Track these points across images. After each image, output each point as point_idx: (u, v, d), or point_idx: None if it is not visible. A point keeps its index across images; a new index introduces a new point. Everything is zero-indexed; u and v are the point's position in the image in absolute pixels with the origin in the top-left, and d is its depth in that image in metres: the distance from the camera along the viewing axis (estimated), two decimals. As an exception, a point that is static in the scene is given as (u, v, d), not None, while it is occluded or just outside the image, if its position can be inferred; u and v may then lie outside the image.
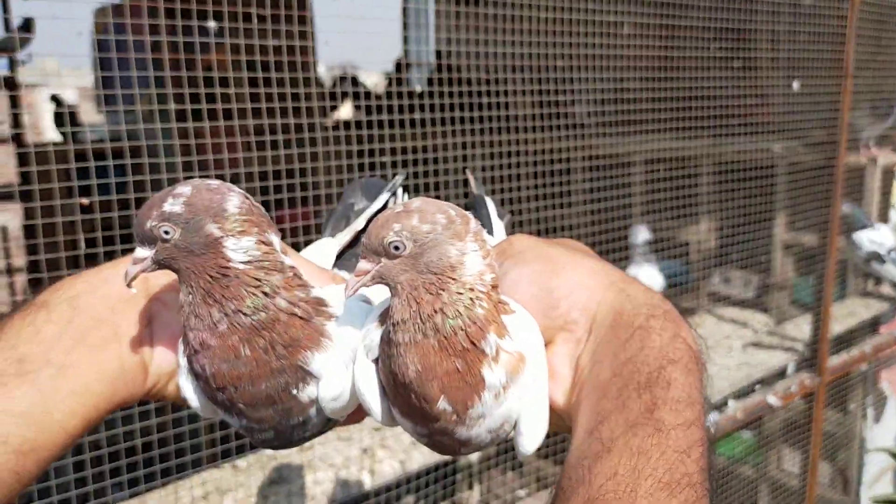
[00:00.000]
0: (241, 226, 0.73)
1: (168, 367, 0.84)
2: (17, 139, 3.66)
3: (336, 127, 3.62)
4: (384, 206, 1.02)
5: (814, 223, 4.21)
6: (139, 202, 2.15)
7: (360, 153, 2.66)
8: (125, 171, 2.13)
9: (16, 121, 3.40)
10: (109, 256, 2.07)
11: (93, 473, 2.09)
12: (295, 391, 0.77)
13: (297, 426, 0.80)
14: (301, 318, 0.76)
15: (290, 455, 2.55)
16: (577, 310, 0.77)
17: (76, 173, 2.09)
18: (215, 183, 0.74)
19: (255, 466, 2.53)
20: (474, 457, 3.54)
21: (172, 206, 0.71)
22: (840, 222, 4.26)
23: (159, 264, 0.73)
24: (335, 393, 0.78)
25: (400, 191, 1.05)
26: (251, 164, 2.37)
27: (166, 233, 0.71)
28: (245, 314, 0.72)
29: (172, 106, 2.23)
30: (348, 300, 0.80)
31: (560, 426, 0.80)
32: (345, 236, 1.00)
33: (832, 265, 4.12)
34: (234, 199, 0.73)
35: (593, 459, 0.64)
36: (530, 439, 0.77)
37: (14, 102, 3.04)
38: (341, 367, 0.78)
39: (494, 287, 0.73)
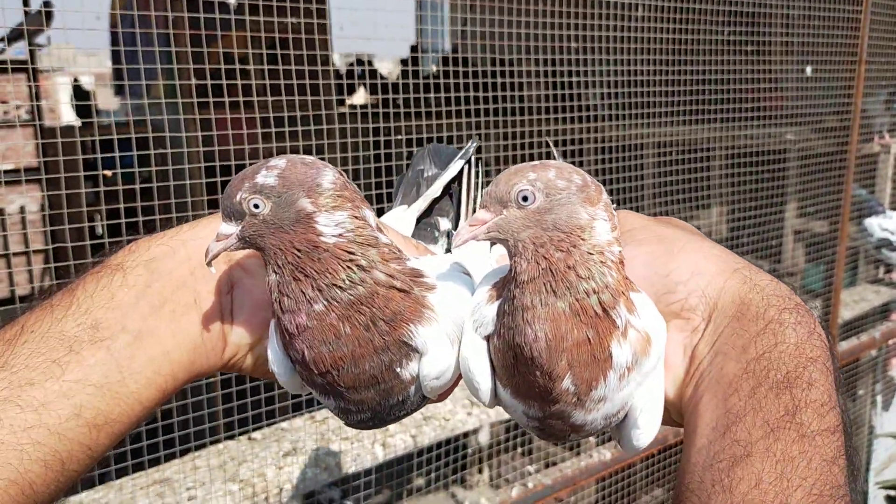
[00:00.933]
0: (335, 201, 0.69)
1: (249, 339, 0.79)
2: (35, 122, 3.72)
3: (352, 108, 3.65)
4: (459, 174, 0.98)
5: (825, 209, 4.22)
6: (160, 176, 2.19)
7: (376, 131, 2.69)
8: (144, 155, 2.17)
9: (33, 104, 3.44)
10: (132, 228, 2.12)
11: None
12: (399, 369, 0.72)
13: (396, 405, 0.75)
14: (401, 290, 0.71)
15: (303, 427, 2.60)
16: (695, 296, 0.71)
17: (95, 153, 2.12)
18: (310, 158, 0.71)
19: (269, 438, 2.58)
20: (484, 439, 3.58)
21: (266, 177, 0.68)
22: (851, 208, 4.27)
23: (245, 241, 0.69)
24: (440, 370, 0.73)
25: (474, 159, 0.99)
26: (268, 141, 2.40)
27: (256, 206, 0.68)
28: (341, 288, 0.68)
29: (193, 81, 2.26)
30: (449, 271, 0.77)
31: (664, 419, 0.74)
32: (420, 204, 0.96)
33: (843, 251, 4.13)
34: (329, 175, 0.70)
35: (731, 462, 0.60)
36: (646, 433, 0.72)
37: (31, 86, 3.07)
38: (446, 342, 0.73)
39: (622, 262, 0.69)
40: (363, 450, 2.58)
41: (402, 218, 0.95)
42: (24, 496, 0.64)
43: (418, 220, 0.97)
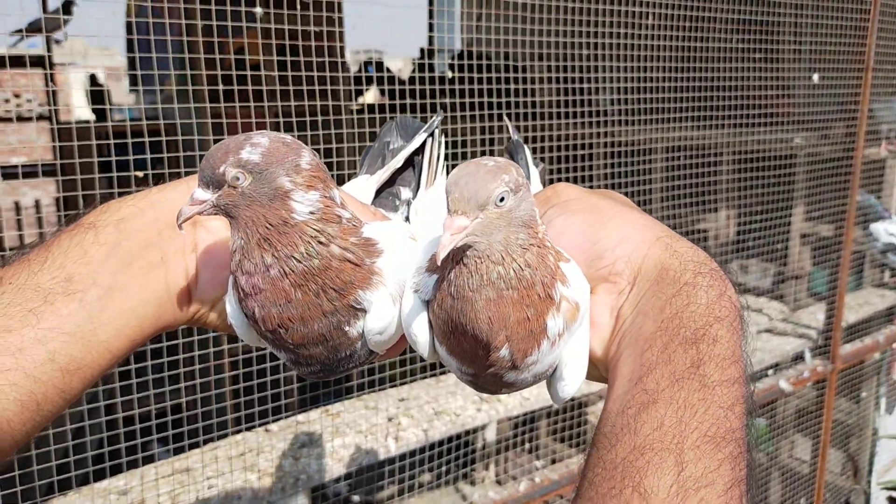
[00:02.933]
0: (310, 181, 0.74)
1: (212, 295, 0.84)
2: (50, 117, 3.76)
3: (361, 110, 3.72)
4: (422, 147, 1.01)
5: (831, 214, 4.27)
6: (173, 178, 2.25)
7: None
8: (158, 150, 2.22)
9: (49, 99, 3.49)
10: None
11: (140, 428, 2.23)
12: (346, 328, 0.77)
13: (344, 359, 0.81)
14: (353, 262, 0.76)
15: (318, 420, 2.68)
16: (622, 262, 0.77)
17: (110, 151, 2.18)
18: (289, 138, 0.75)
19: (286, 431, 2.66)
20: (491, 437, 3.65)
21: (250, 154, 0.72)
22: (857, 213, 4.32)
23: (218, 209, 0.73)
24: (383, 325, 0.78)
25: (437, 132, 1.03)
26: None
27: (237, 179, 0.71)
28: (297, 260, 0.73)
29: (205, 87, 2.33)
30: (396, 236, 0.82)
31: (592, 374, 0.81)
32: (383, 174, 1.00)
33: (847, 255, 4.18)
34: (307, 156, 0.75)
35: (639, 409, 0.65)
36: (571, 385, 0.78)
37: (48, 81, 3.11)
38: (389, 301, 0.78)
39: (545, 236, 0.74)
40: (376, 443, 2.65)
41: (363, 187, 0.99)
42: (2, 432, 0.68)
43: (382, 189, 1.01)
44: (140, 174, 2.22)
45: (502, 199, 0.67)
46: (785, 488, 4.73)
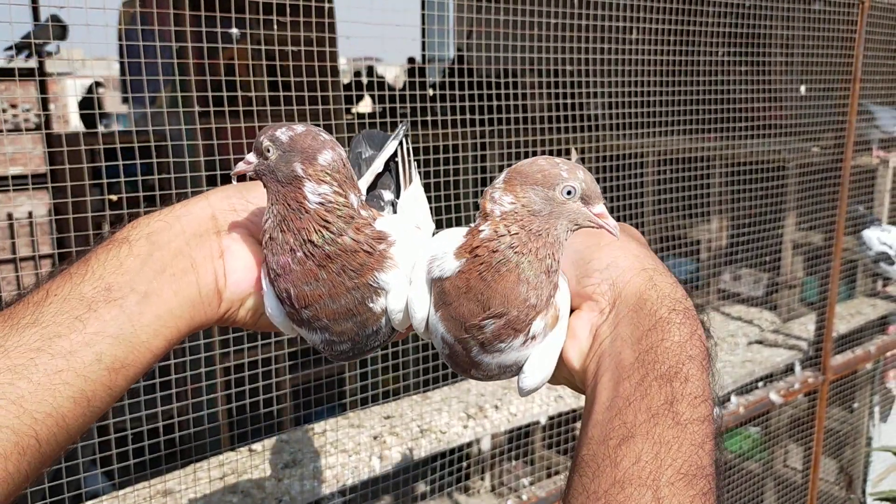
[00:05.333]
0: (324, 176, 0.84)
1: (240, 294, 0.93)
2: (45, 128, 3.75)
3: (355, 120, 3.71)
4: (395, 154, 1.09)
5: (822, 224, 4.27)
6: (163, 199, 2.25)
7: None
8: (149, 165, 2.23)
9: (44, 110, 3.49)
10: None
11: (117, 453, 2.21)
12: (370, 304, 0.88)
13: (371, 336, 0.91)
14: (365, 251, 0.86)
15: (302, 440, 2.67)
16: (606, 284, 0.85)
17: (102, 165, 2.18)
18: (326, 136, 0.86)
19: (270, 450, 2.64)
20: (486, 446, 3.64)
21: (282, 134, 0.84)
22: (849, 222, 4.31)
23: (257, 174, 0.86)
24: (402, 304, 0.89)
25: (405, 138, 1.11)
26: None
27: (268, 151, 0.84)
28: (315, 244, 0.83)
29: (196, 108, 2.32)
30: (406, 228, 0.92)
31: (570, 383, 0.90)
32: (367, 178, 1.07)
33: (837, 265, 4.17)
34: (328, 155, 0.85)
35: (619, 441, 0.71)
36: (529, 381, 0.86)
37: (42, 92, 3.10)
38: (405, 283, 0.88)
39: None
40: (360, 462, 2.64)
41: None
42: (58, 427, 0.76)
43: (367, 192, 1.10)
44: (114, 197, 2.22)
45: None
46: (779, 498, 4.72)
